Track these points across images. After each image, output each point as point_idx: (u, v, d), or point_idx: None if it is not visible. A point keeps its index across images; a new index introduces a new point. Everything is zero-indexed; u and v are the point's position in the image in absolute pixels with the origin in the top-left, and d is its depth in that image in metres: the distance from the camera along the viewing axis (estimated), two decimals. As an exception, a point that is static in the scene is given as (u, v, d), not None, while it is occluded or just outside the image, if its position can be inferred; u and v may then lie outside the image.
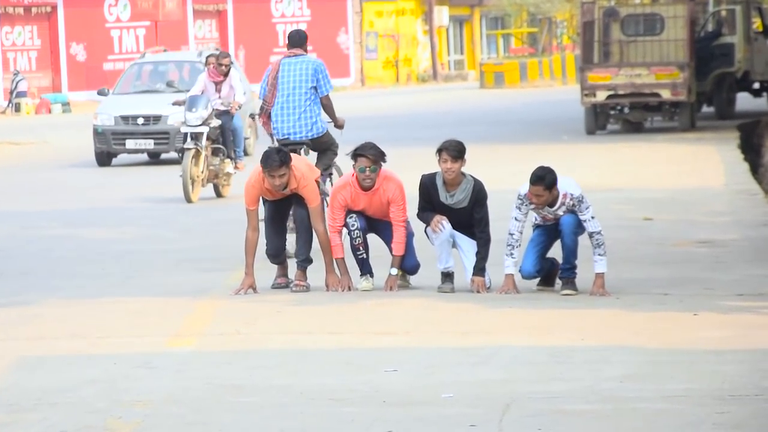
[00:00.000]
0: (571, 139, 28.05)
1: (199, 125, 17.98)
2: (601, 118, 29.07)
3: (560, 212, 10.88)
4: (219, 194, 18.58)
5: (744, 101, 32.37)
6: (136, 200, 19.18)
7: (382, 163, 11.07)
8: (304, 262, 11.31)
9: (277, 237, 11.41)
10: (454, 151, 10.87)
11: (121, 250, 14.47)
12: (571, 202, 10.82)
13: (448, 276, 11.14)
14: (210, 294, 11.52)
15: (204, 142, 17.92)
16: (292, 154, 11.25)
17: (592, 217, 10.83)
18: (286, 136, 13.06)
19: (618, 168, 21.30)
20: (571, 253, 10.91)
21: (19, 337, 10.16)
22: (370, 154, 10.99)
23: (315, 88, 13.14)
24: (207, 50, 26.41)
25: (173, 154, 23.89)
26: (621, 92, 28.51)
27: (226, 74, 18.66)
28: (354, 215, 11.10)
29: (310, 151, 13.21)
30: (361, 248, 11.17)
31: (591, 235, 10.84)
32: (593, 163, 22.25)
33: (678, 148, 25.27)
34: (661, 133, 28.52)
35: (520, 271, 10.96)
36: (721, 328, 9.88)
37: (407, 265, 11.30)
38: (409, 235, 11.24)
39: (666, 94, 28.38)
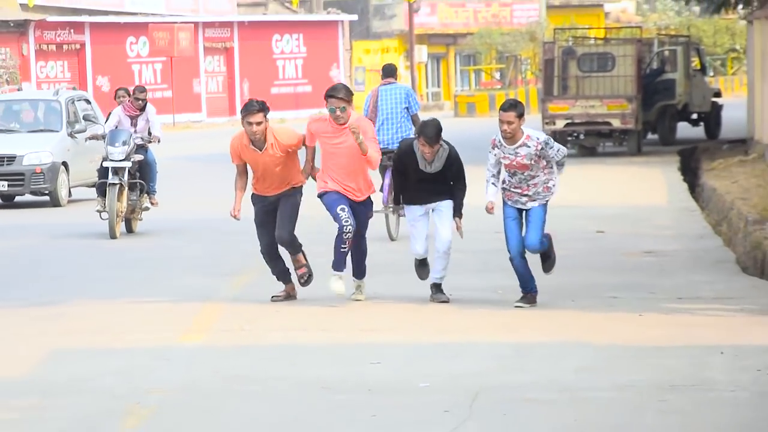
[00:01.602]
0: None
1: (123, 160, 15.71)
2: (560, 144, 29.08)
3: (523, 152, 10.37)
4: (130, 229, 16.18)
5: (684, 130, 32.43)
6: (61, 238, 16.23)
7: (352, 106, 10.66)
8: (297, 249, 10.98)
9: (268, 236, 10.93)
10: (431, 137, 10.49)
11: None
12: (539, 146, 10.41)
13: (422, 263, 10.94)
14: (216, 295, 11.50)
15: (126, 176, 15.77)
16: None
17: (558, 150, 10.56)
18: (386, 146, 14.12)
19: (574, 187, 21.27)
20: (525, 276, 10.62)
21: (50, 332, 10.13)
22: (339, 95, 10.54)
23: (407, 108, 14.86)
24: (62, 89, 22.62)
25: (29, 196, 20.75)
26: (577, 121, 28.57)
27: (142, 108, 16.32)
28: (347, 208, 10.58)
29: None
30: (347, 244, 10.60)
31: (558, 163, 10.61)
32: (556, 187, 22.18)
33: (627, 170, 25.29)
34: (612, 157, 28.55)
35: (509, 251, 10.52)
36: (663, 327, 9.88)
37: (359, 270, 10.95)
38: (364, 251, 10.91)
39: (616, 123, 28.43)
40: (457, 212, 10.83)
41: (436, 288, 10.84)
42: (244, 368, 8.62)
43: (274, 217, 10.89)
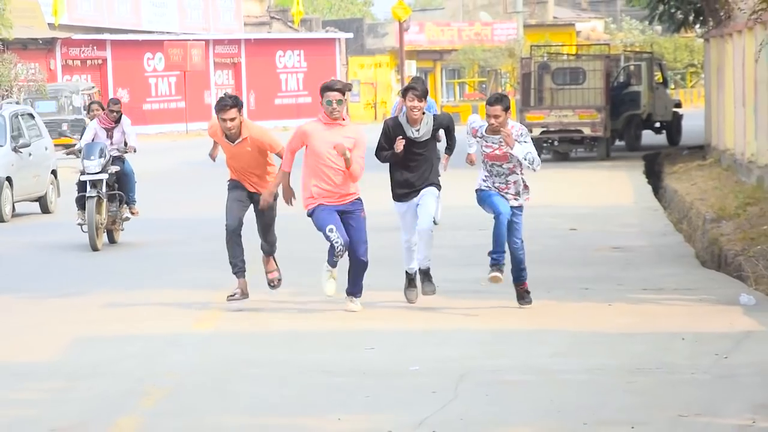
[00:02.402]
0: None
1: (99, 172, 14.56)
2: (536, 150, 29.10)
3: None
4: (112, 240, 15.05)
5: (648, 137, 32.45)
6: (32, 249, 14.95)
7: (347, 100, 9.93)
8: (274, 250, 10.46)
9: (238, 215, 10.07)
10: (420, 91, 9.86)
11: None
12: (519, 132, 9.86)
13: (413, 280, 10.30)
14: (224, 287, 11.46)
15: (105, 188, 14.63)
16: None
17: (526, 143, 9.90)
18: None
19: (549, 189, 21.26)
20: (520, 261, 10.04)
21: (74, 321, 10.10)
22: (336, 87, 9.66)
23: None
24: (5, 104, 20.20)
25: None
26: (552, 129, 28.56)
27: (117, 120, 15.06)
28: (334, 228, 9.69)
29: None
30: (340, 256, 9.84)
31: (526, 156, 9.86)
32: (531, 186, 22.17)
33: (596, 174, 25.29)
34: (583, 162, 28.55)
35: (498, 214, 9.85)
36: (630, 316, 9.87)
37: (361, 252, 9.89)
38: (363, 220, 9.89)
39: (587, 131, 28.43)
40: (448, 151, 10.41)
41: (425, 276, 10.26)
42: (251, 353, 8.59)
43: (248, 203, 10.18)
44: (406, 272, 10.40)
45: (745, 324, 9.36)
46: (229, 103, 9.85)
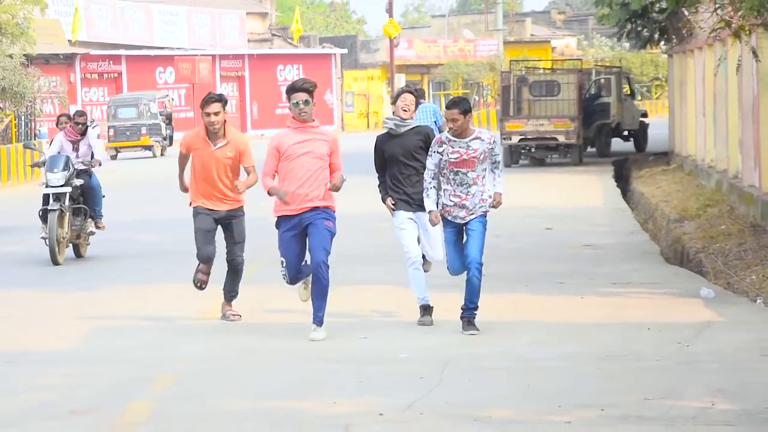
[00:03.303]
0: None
1: (62, 185, 13.13)
2: (515, 155, 29.14)
3: (476, 146, 8.63)
4: (78, 254, 13.62)
5: (617, 144, 32.45)
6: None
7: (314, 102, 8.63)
8: (233, 295, 9.46)
9: (209, 246, 9.24)
10: (412, 92, 9.15)
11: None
12: (489, 141, 8.66)
13: (426, 309, 9.10)
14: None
15: (68, 202, 13.20)
16: None
17: (498, 153, 8.74)
18: None
19: (527, 191, 21.25)
20: (475, 293, 8.70)
21: (91, 312, 10.06)
22: (303, 88, 8.57)
23: (435, 121, 16.32)
24: None
25: None
26: (529, 137, 28.56)
27: (83, 133, 13.50)
28: (284, 260, 8.63)
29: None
30: (291, 283, 8.88)
31: (496, 163, 8.71)
32: (509, 188, 22.14)
33: (570, 178, 25.28)
34: (558, 167, 28.55)
35: (448, 269, 8.95)
36: (600, 307, 9.86)
37: (315, 258, 8.58)
38: (327, 232, 8.56)
39: (561, 139, 28.43)
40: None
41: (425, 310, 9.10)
42: (254, 342, 8.57)
43: (215, 227, 9.26)
44: (420, 306, 9.08)
45: (705, 315, 9.36)
46: (215, 97, 9.03)
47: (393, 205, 9.06)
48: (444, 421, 6.31)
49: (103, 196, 13.82)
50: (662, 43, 30.32)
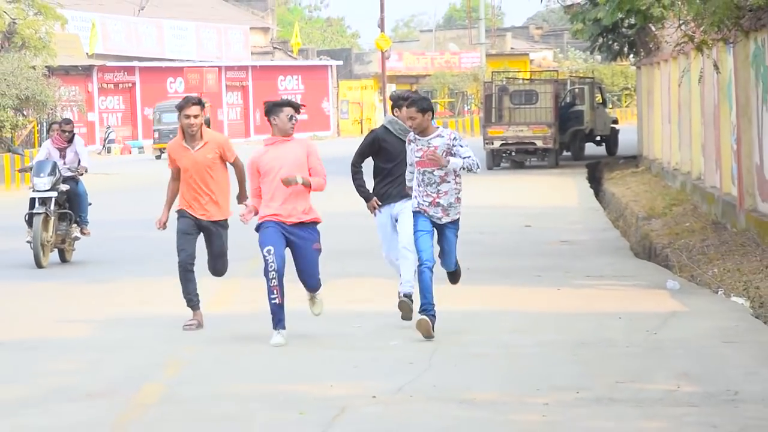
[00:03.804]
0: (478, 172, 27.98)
1: (48, 190, 12.51)
2: (497, 159, 29.19)
3: (436, 143, 8.05)
4: (64, 259, 12.94)
5: (590, 149, 32.49)
6: None
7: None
8: (196, 304, 8.78)
9: (190, 248, 8.60)
10: (410, 100, 8.26)
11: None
12: (452, 137, 8.10)
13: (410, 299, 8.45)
14: (233, 275, 11.38)
15: (53, 206, 12.57)
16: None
17: (466, 146, 8.13)
18: None
19: (507, 192, 21.26)
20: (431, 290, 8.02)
21: (104, 303, 10.03)
22: (291, 105, 8.16)
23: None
24: None
25: None
26: (510, 142, 28.61)
27: (70, 140, 12.89)
28: (272, 248, 7.79)
29: None
30: (276, 292, 7.81)
31: (465, 156, 8.09)
32: (492, 189, 22.25)
33: (547, 180, 25.30)
34: (536, 169, 28.56)
35: (419, 254, 8.12)
36: (575, 298, 9.85)
37: (310, 284, 8.21)
38: (316, 253, 8.08)
39: (539, 143, 28.48)
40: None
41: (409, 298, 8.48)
42: (256, 331, 8.53)
43: (197, 233, 8.70)
44: (402, 295, 8.46)
45: (671, 305, 9.36)
46: (194, 100, 8.55)
47: (378, 206, 8.56)
48: (432, 402, 6.30)
49: (90, 204, 13.22)
50: (631, 56, 30.35)
